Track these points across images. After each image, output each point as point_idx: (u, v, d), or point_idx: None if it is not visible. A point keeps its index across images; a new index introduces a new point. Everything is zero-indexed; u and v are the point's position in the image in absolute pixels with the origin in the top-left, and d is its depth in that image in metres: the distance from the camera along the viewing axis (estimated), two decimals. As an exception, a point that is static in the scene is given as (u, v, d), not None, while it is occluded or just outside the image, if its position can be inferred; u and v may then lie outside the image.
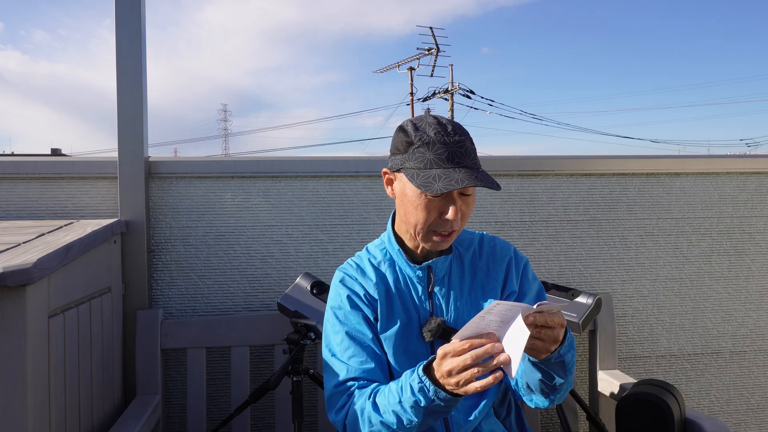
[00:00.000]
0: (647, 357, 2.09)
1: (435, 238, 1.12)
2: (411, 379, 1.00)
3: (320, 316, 1.65)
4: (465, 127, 1.13)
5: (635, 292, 2.08)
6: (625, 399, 1.56)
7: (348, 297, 1.20)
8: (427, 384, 0.97)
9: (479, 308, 1.21)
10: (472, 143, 1.11)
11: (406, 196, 1.11)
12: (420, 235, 1.12)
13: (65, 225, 1.63)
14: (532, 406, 1.15)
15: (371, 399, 1.07)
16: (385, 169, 1.19)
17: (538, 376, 1.04)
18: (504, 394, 1.26)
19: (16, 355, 1.12)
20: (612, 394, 1.81)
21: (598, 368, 1.92)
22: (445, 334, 1.17)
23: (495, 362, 0.89)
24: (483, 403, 1.18)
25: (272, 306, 1.90)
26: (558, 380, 1.04)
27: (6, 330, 1.11)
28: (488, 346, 0.89)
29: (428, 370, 0.99)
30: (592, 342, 1.97)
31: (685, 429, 1.48)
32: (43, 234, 1.46)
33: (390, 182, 1.19)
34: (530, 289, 1.24)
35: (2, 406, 1.11)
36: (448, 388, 0.94)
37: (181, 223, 1.88)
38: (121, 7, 1.77)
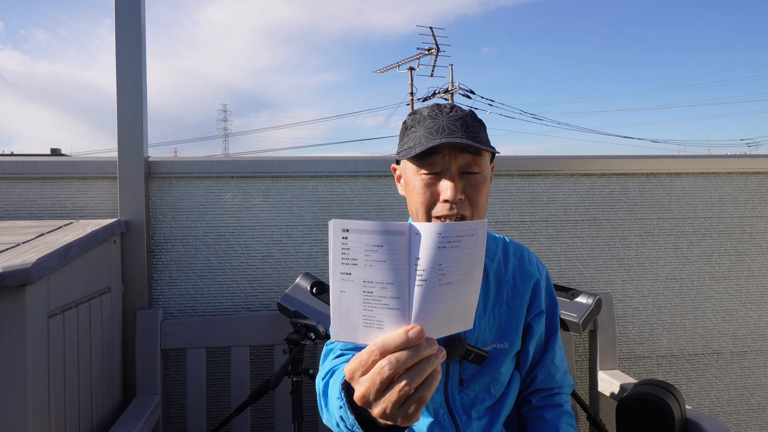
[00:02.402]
0: (647, 357, 2.09)
1: None
2: (333, 388, 0.80)
3: (320, 316, 1.65)
4: (476, 113, 1.05)
5: (635, 292, 2.08)
6: (626, 399, 1.56)
7: None
8: (346, 411, 0.72)
9: (503, 325, 1.12)
10: (476, 121, 1.02)
11: (408, 184, 1.03)
12: None
13: (65, 225, 1.63)
14: None
15: (325, 379, 0.91)
16: (393, 165, 1.13)
17: None
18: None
19: (16, 355, 1.12)
20: (612, 394, 1.81)
21: (598, 368, 1.92)
22: (467, 354, 1.08)
23: (426, 354, 0.60)
24: (498, 420, 1.13)
25: (272, 306, 1.90)
26: None
27: (6, 330, 1.11)
28: (401, 333, 0.60)
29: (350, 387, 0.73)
30: (592, 342, 1.96)
31: (685, 429, 1.48)
32: (42, 234, 1.46)
33: (399, 178, 1.11)
34: (549, 306, 1.21)
35: (2, 406, 1.11)
36: (380, 422, 0.66)
37: (180, 223, 1.88)
38: (121, 6, 1.77)
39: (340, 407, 0.73)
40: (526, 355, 1.17)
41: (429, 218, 0.99)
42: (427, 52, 19.36)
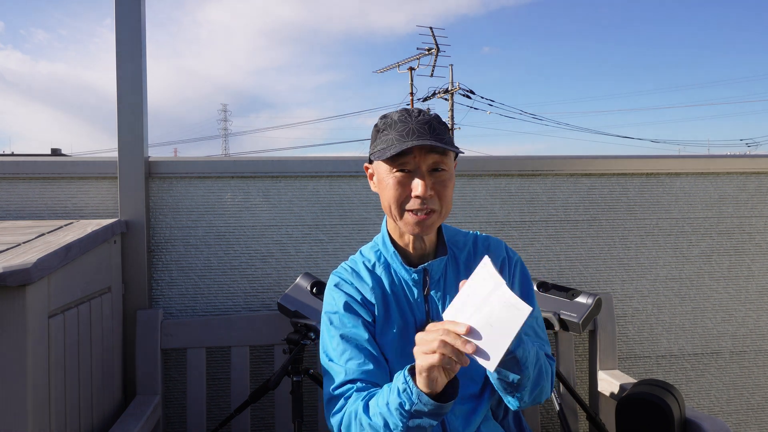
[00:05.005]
0: (647, 357, 2.09)
1: (409, 218, 1.10)
2: (397, 379, 0.97)
3: (320, 316, 1.65)
4: (441, 117, 1.15)
5: (635, 292, 2.08)
6: (625, 399, 1.56)
7: (344, 301, 1.17)
8: (411, 385, 0.93)
9: None
10: (441, 124, 1.12)
11: (381, 181, 1.12)
12: (397, 218, 1.11)
13: (65, 225, 1.63)
14: (512, 408, 1.12)
15: (364, 401, 1.05)
16: (365, 164, 1.21)
17: (495, 375, 1.03)
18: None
19: (16, 355, 1.12)
20: (612, 394, 1.81)
21: (598, 368, 1.92)
22: None
23: (457, 340, 0.87)
24: (481, 407, 1.17)
25: (272, 306, 1.90)
26: (513, 377, 1.01)
27: (6, 330, 1.11)
28: (452, 327, 0.88)
29: (414, 371, 0.94)
30: (592, 342, 1.97)
31: (685, 429, 1.48)
32: (43, 234, 1.46)
33: (371, 176, 1.19)
34: (516, 287, 1.22)
35: (2, 406, 1.11)
36: (419, 377, 0.90)
37: (181, 223, 1.88)
38: (121, 6, 1.77)
39: (404, 390, 0.93)
40: None
41: (401, 212, 1.10)
42: (427, 52, 19.36)
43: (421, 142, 1.04)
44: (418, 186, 1.07)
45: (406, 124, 1.09)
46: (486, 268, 0.91)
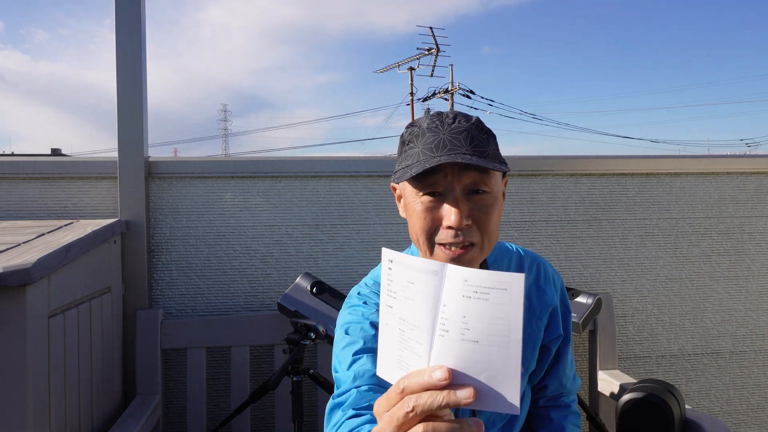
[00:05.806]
0: (647, 357, 2.09)
1: (441, 254, 0.87)
2: None
3: (320, 316, 1.65)
4: (483, 123, 0.92)
5: (635, 292, 2.08)
6: (625, 399, 1.56)
7: (372, 318, 0.96)
8: None
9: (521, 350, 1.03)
10: (483, 132, 0.89)
11: (408, 206, 0.91)
12: (426, 254, 0.89)
13: (65, 225, 1.63)
14: None
15: None
16: (392, 184, 0.99)
17: None
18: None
19: (16, 355, 1.12)
20: (612, 394, 1.81)
21: (598, 368, 1.92)
22: None
23: (443, 401, 0.51)
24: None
25: (272, 306, 1.90)
26: None
27: (6, 330, 1.11)
28: (424, 371, 0.52)
29: None
30: (592, 342, 1.97)
31: (685, 429, 1.48)
32: (43, 234, 1.46)
33: (399, 198, 0.98)
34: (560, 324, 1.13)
35: (2, 406, 1.11)
36: None
37: (181, 223, 1.88)
38: (121, 6, 1.77)
39: None
40: (540, 371, 1.14)
41: (431, 245, 0.88)
42: (427, 52, 19.36)
43: (453, 158, 0.81)
44: (450, 214, 0.84)
45: (437, 134, 0.86)
46: (393, 261, 0.57)
